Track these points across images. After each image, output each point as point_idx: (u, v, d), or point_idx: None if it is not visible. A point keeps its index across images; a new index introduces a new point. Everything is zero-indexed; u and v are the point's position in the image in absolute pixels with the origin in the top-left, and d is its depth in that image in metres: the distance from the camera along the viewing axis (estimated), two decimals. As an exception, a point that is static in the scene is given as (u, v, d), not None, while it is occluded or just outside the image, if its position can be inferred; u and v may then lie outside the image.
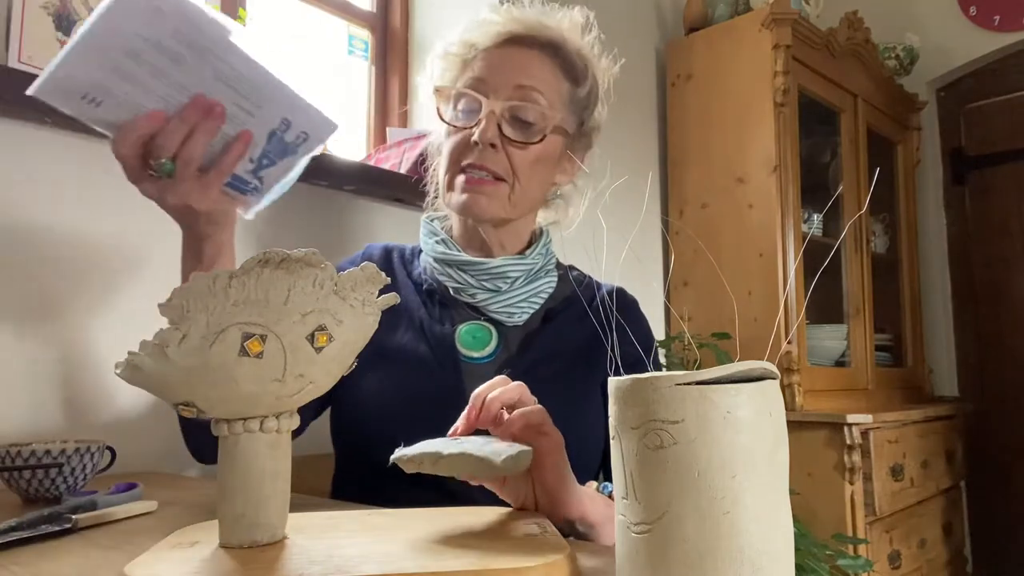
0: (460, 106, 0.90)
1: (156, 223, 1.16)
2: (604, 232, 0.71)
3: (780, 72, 1.97)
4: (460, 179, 0.89)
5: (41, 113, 1.01)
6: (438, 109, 0.92)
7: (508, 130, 0.87)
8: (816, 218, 2.26)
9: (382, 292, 0.51)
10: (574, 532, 0.65)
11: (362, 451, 0.89)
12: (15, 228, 1.01)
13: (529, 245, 0.98)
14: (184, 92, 0.66)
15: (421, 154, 1.53)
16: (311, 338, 0.46)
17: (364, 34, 1.81)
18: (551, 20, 0.93)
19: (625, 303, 1.01)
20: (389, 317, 0.90)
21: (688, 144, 2.20)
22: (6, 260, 1.00)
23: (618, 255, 0.74)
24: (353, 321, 0.49)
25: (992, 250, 2.71)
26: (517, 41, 0.90)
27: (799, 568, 1.44)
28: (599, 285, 1.00)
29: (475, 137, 0.86)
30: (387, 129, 1.74)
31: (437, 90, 0.92)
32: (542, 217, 1.02)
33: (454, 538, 0.52)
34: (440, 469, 0.53)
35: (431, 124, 1.09)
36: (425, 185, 1.06)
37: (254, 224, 1.29)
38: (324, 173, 1.35)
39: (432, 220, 0.99)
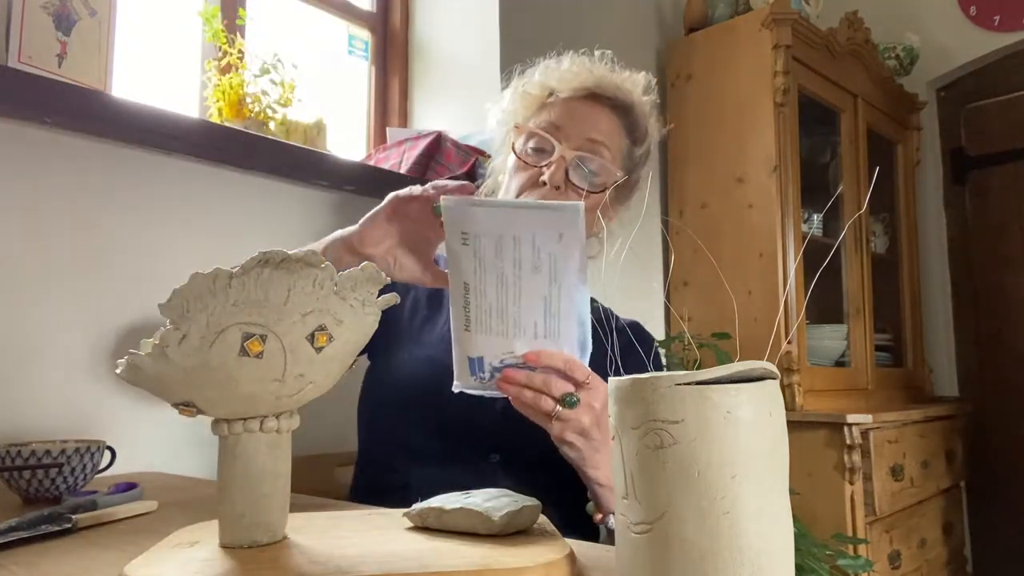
0: (532, 144, 0.98)
1: (156, 225, 1.16)
2: (604, 232, 0.71)
3: (780, 72, 1.97)
4: None
5: (41, 113, 1.01)
6: (513, 144, 1.00)
7: (574, 176, 0.95)
8: (816, 218, 2.26)
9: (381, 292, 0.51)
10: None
11: (387, 427, 0.94)
12: (15, 228, 1.02)
13: None
14: (515, 287, 0.73)
15: (423, 155, 1.53)
16: (311, 338, 0.46)
17: (364, 34, 1.81)
18: (626, 83, 1.01)
19: (643, 338, 1.08)
20: (432, 308, 0.99)
21: (688, 144, 2.20)
22: (6, 259, 1.00)
23: (618, 255, 0.74)
24: (353, 321, 0.49)
25: (992, 250, 2.70)
26: (594, 97, 0.99)
27: (799, 568, 1.44)
28: (616, 316, 1.06)
29: (544, 177, 0.93)
30: (387, 129, 1.74)
31: (516, 127, 1.01)
32: None
33: (454, 538, 0.52)
34: (444, 523, 0.54)
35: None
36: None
37: (253, 224, 1.29)
38: (324, 173, 1.36)
39: None
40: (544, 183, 0.94)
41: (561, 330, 0.73)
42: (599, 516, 0.79)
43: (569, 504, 0.80)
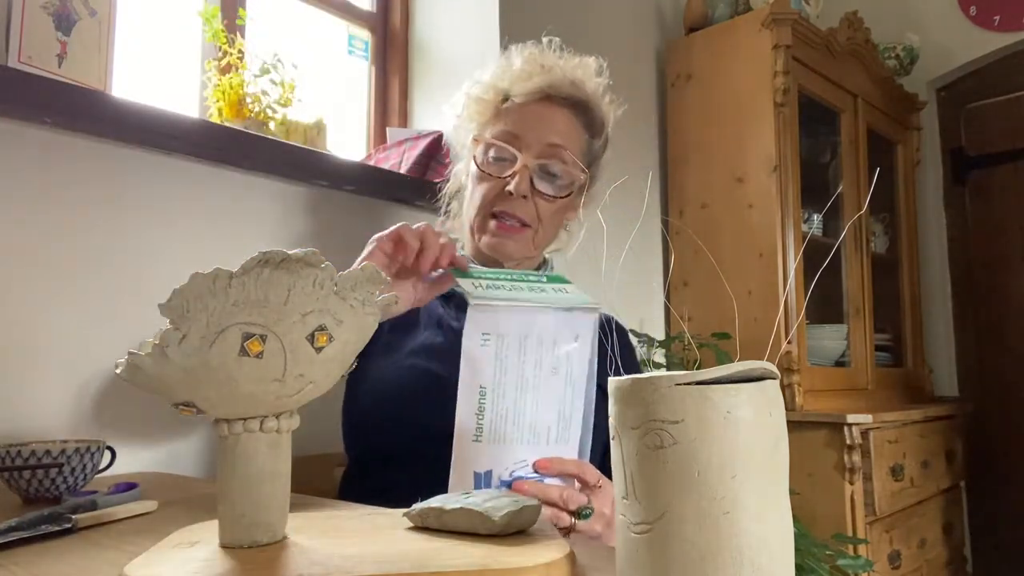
0: (493, 153, 0.99)
1: (156, 225, 1.16)
2: (604, 232, 0.71)
3: (780, 72, 1.97)
4: (492, 224, 0.99)
5: (41, 113, 1.01)
6: (474, 156, 1.01)
7: (539, 184, 0.98)
8: (816, 218, 2.26)
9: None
10: None
11: (375, 434, 0.93)
12: (15, 228, 1.01)
13: (537, 269, 1.08)
14: (535, 390, 0.72)
15: (423, 155, 1.53)
16: (311, 338, 0.46)
17: (364, 34, 1.81)
18: (577, 72, 1.01)
19: (622, 330, 1.11)
20: (410, 318, 0.97)
21: (688, 144, 2.20)
22: (6, 259, 1.00)
23: (618, 255, 0.74)
24: (353, 321, 0.49)
25: (992, 250, 2.70)
26: (549, 99, 0.99)
27: (799, 568, 1.44)
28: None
29: (510, 188, 0.95)
30: (387, 129, 1.74)
31: (475, 139, 1.02)
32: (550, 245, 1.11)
33: (454, 538, 0.52)
34: (444, 523, 0.54)
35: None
36: (438, 200, 1.14)
37: (253, 224, 1.29)
38: (324, 173, 1.36)
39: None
40: (510, 193, 0.96)
41: (571, 435, 0.72)
42: None
43: None
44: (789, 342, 1.92)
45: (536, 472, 0.71)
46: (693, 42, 2.21)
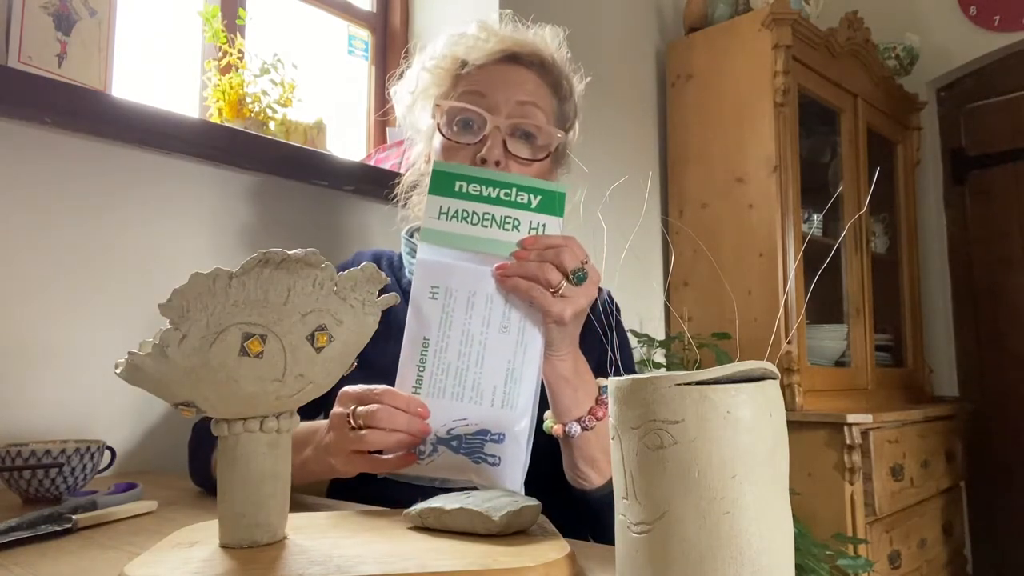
0: (458, 119, 0.89)
1: (156, 223, 1.16)
2: (604, 232, 0.71)
3: (780, 72, 1.97)
4: None
5: (41, 113, 1.01)
6: (438, 125, 0.90)
7: (513, 146, 0.87)
8: (816, 218, 2.26)
9: (380, 292, 0.51)
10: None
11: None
12: (15, 228, 1.02)
13: None
14: (480, 347, 0.69)
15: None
16: (311, 338, 0.46)
17: (364, 34, 1.81)
18: (539, 40, 0.94)
19: (616, 308, 1.03)
20: (377, 330, 0.92)
21: (688, 144, 2.20)
22: (6, 259, 1.00)
23: (618, 255, 0.74)
24: (353, 321, 0.49)
25: (992, 250, 2.70)
26: (511, 59, 0.91)
27: (799, 568, 1.44)
28: None
29: (483, 154, 0.85)
30: (387, 129, 1.74)
31: (438, 105, 0.91)
32: None
33: (454, 538, 0.52)
34: (444, 523, 0.54)
35: (406, 131, 1.07)
36: (394, 195, 1.04)
37: (254, 224, 1.29)
38: (324, 173, 1.36)
39: (412, 236, 0.99)
40: (483, 161, 0.85)
41: (520, 400, 0.69)
42: (558, 428, 0.74)
43: (561, 502, 0.79)
44: (789, 342, 1.92)
45: (478, 434, 0.67)
46: (693, 42, 2.21)
